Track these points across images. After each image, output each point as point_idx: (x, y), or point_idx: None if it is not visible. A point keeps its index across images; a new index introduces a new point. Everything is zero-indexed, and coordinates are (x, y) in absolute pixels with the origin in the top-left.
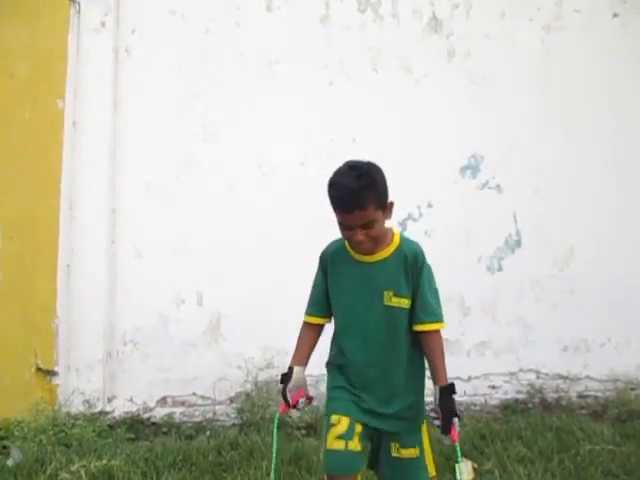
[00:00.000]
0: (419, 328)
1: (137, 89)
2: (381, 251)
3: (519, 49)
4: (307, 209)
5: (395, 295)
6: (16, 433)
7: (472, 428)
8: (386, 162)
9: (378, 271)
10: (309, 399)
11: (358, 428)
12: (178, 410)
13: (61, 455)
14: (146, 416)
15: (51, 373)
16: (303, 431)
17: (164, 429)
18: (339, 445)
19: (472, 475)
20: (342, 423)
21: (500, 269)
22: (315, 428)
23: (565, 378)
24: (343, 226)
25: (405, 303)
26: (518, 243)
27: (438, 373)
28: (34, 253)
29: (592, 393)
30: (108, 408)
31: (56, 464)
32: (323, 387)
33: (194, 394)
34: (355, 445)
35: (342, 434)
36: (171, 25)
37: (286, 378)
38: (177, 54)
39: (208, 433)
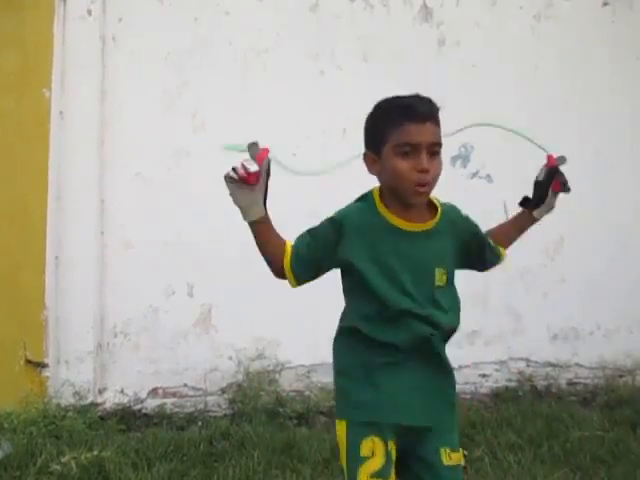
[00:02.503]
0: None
1: (125, 78)
2: (428, 220)
3: (510, 38)
4: (298, 200)
5: (445, 274)
6: (6, 425)
7: (463, 416)
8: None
9: (427, 242)
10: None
11: (393, 452)
12: (169, 401)
13: (51, 447)
14: (137, 407)
15: (41, 365)
16: (295, 421)
17: (155, 420)
18: None
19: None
20: (377, 455)
21: None
22: (307, 418)
23: (555, 366)
24: (406, 146)
25: (443, 280)
26: None
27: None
28: (22, 245)
29: (581, 380)
30: (99, 400)
31: (46, 456)
32: (315, 378)
33: (185, 385)
34: None
35: (378, 471)
36: (159, 13)
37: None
38: (165, 43)
39: (199, 424)
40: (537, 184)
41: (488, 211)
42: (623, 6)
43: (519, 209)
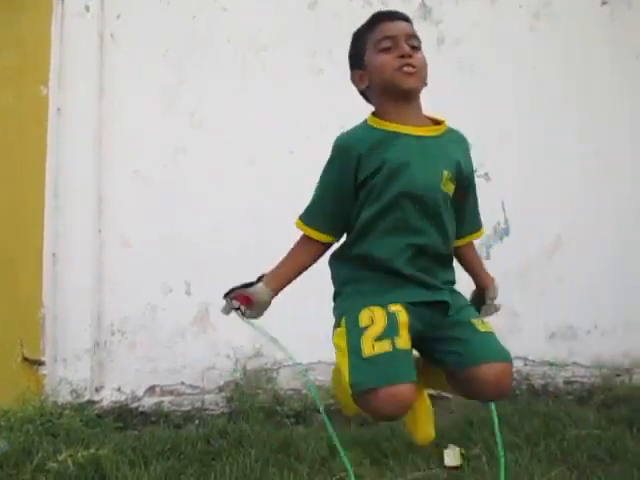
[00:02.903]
0: (474, 237)
1: (123, 75)
2: (430, 125)
3: (508, 36)
4: (296, 198)
5: (449, 179)
6: (2, 423)
7: (460, 415)
8: None
9: (432, 145)
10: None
11: (402, 317)
12: (166, 399)
13: (48, 445)
14: (134, 405)
15: (38, 363)
16: (292, 419)
17: (152, 418)
18: (382, 347)
19: (459, 461)
20: (377, 319)
21: (488, 257)
22: (304, 417)
23: (552, 365)
24: (384, 40)
25: (451, 190)
26: (506, 231)
27: (485, 271)
28: (19, 242)
29: (578, 379)
30: (96, 398)
31: (43, 454)
32: (312, 376)
33: (183, 383)
34: (405, 340)
35: (381, 333)
36: (157, 10)
37: (246, 286)
38: (163, 40)
39: (197, 422)
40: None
41: (486, 210)
42: (622, 5)
43: (517, 208)
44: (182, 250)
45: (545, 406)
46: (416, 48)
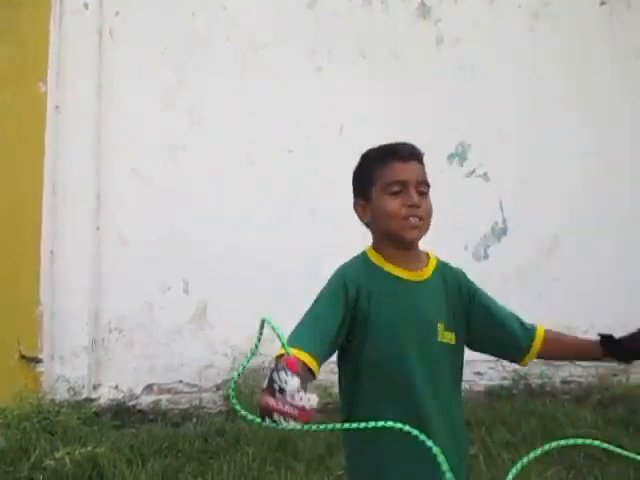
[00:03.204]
0: (538, 341)
1: (122, 73)
2: (424, 268)
3: (507, 36)
4: (294, 197)
5: (446, 329)
6: (0, 421)
7: None
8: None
9: (427, 294)
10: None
11: None
12: (164, 397)
13: (45, 442)
14: (132, 403)
15: (35, 360)
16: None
17: (150, 416)
18: None
19: None
20: None
21: (486, 257)
22: None
23: (549, 365)
24: (394, 185)
25: (452, 339)
26: (504, 231)
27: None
28: (17, 240)
29: (575, 379)
30: (93, 395)
31: (40, 451)
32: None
33: (180, 381)
34: None
35: None
36: (156, 8)
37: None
38: (162, 37)
39: (194, 420)
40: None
41: (484, 210)
42: (621, 6)
43: (516, 208)
44: (180, 248)
45: (542, 406)
46: (424, 194)
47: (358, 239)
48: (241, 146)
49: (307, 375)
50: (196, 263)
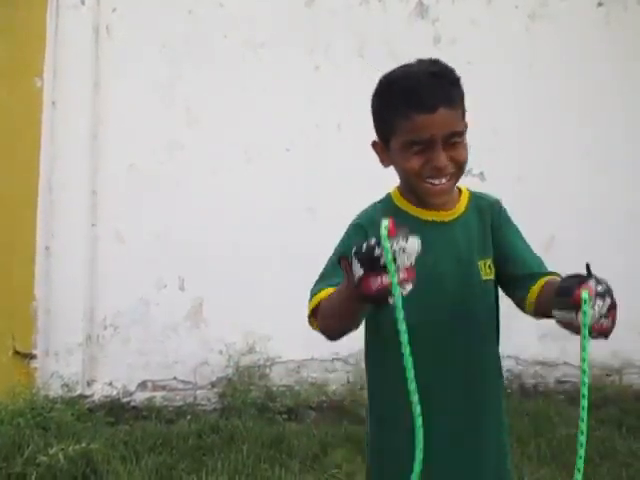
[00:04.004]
0: (543, 281)
1: (118, 69)
2: (454, 206)
3: (504, 36)
4: (292, 195)
5: (491, 265)
6: None
7: None
8: (371, 149)
9: (462, 233)
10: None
11: None
12: (159, 394)
13: (39, 438)
14: (126, 400)
15: (29, 356)
16: (284, 415)
17: (144, 413)
18: None
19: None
20: None
21: None
22: (296, 413)
23: (543, 364)
24: (417, 143)
25: (492, 274)
26: None
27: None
28: (12, 235)
29: (569, 379)
30: (87, 392)
31: (34, 447)
32: (305, 373)
33: (175, 378)
34: None
35: None
36: (153, 4)
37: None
38: (159, 34)
39: (189, 417)
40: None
41: None
42: (618, 7)
43: (512, 208)
44: (177, 246)
45: (536, 405)
46: (456, 143)
47: None
48: (239, 144)
49: None
50: (192, 260)
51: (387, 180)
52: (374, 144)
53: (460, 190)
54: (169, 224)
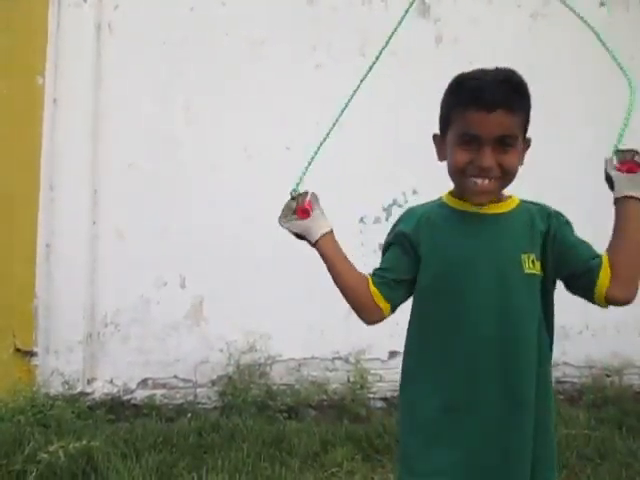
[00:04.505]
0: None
1: (120, 67)
2: (501, 203)
3: (506, 35)
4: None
5: (535, 259)
6: None
7: None
8: (372, 147)
9: (505, 226)
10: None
11: None
12: (159, 392)
13: (39, 436)
14: (126, 398)
15: (30, 354)
16: (285, 414)
17: (145, 411)
18: None
19: None
20: None
21: None
22: (297, 411)
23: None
24: (467, 137)
25: (539, 270)
26: None
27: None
28: (13, 233)
29: (569, 379)
30: (88, 389)
31: (34, 445)
32: (305, 371)
33: (175, 377)
34: None
35: None
36: (155, 2)
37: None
38: (161, 32)
39: (189, 415)
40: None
41: None
42: (619, 7)
43: None
44: (177, 244)
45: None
46: (509, 146)
47: (356, 238)
48: (239, 142)
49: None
50: (193, 258)
51: (386, 178)
52: (434, 136)
53: (510, 196)
54: (170, 222)
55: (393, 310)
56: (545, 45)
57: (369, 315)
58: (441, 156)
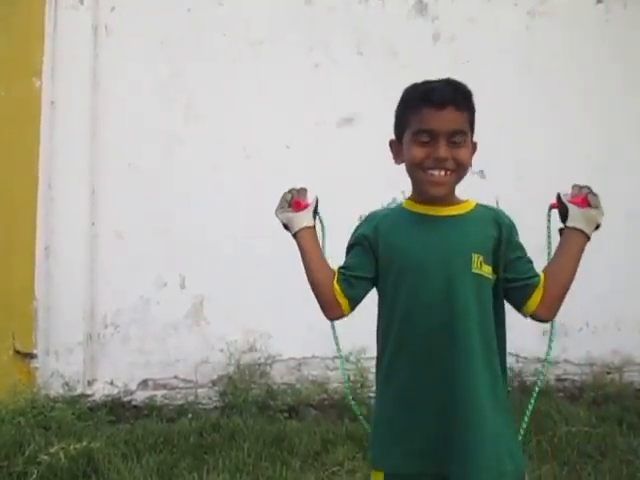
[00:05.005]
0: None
1: (117, 68)
2: (456, 205)
3: (504, 34)
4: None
5: (485, 262)
6: None
7: None
8: (370, 145)
9: (459, 227)
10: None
11: None
12: (159, 393)
13: (40, 437)
14: (127, 399)
15: (30, 356)
16: (285, 413)
17: (145, 412)
18: None
19: None
20: None
21: None
22: (297, 411)
23: (544, 362)
24: (422, 134)
25: (490, 273)
26: None
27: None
28: (12, 234)
29: (570, 377)
30: (88, 391)
31: (35, 446)
32: (306, 371)
33: (176, 377)
34: None
35: None
36: (152, 3)
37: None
38: (158, 33)
39: (190, 416)
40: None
41: None
42: (617, 5)
43: (512, 206)
44: (177, 244)
45: (536, 403)
46: (458, 143)
47: None
48: (238, 142)
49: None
50: (192, 258)
51: (386, 177)
52: (390, 143)
53: (466, 200)
54: (169, 222)
55: (352, 307)
56: (542, 43)
57: (330, 310)
58: (398, 159)
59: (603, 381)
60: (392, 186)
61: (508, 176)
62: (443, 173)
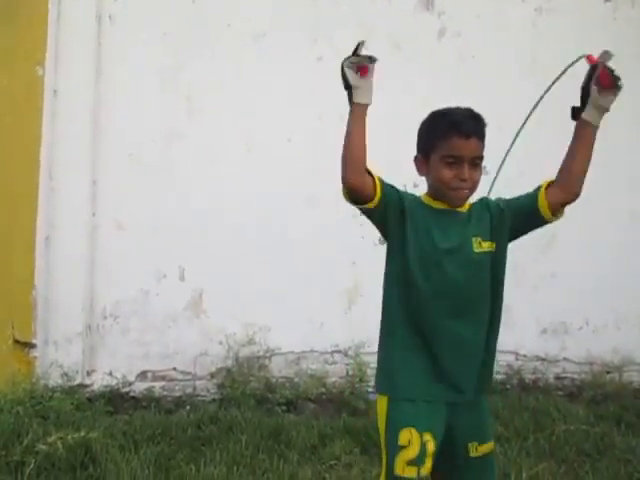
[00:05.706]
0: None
1: (120, 58)
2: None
3: (510, 30)
4: (293, 185)
5: (483, 240)
6: None
7: None
8: (373, 140)
9: (463, 220)
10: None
11: (430, 446)
12: (158, 384)
13: (38, 427)
14: (125, 390)
15: (29, 345)
16: (283, 407)
17: (143, 403)
18: (410, 472)
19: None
20: (413, 445)
21: None
22: (295, 405)
23: (543, 360)
24: (450, 157)
25: (491, 246)
26: None
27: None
28: (12, 224)
29: (569, 375)
30: (87, 381)
31: (33, 436)
32: (304, 365)
33: (174, 369)
34: (427, 468)
35: (413, 459)
36: None
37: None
38: (162, 23)
39: (188, 408)
40: (581, 89)
41: None
42: (625, 3)
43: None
44: (177, 236)
45: (535, 401)
46: (477, 165)
47: (357, 231)
48: (239, 134)
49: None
50: (192, 250)
51: (387, 170)
52: (415, 158)
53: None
54: (169, 214)
55: (380, 199)
56: (549, 40)
57: (357, 174)
58: (422, 172)
59: (602, 380)
60: (394, 179)
61: (512, 173)
62: (465, 191)
